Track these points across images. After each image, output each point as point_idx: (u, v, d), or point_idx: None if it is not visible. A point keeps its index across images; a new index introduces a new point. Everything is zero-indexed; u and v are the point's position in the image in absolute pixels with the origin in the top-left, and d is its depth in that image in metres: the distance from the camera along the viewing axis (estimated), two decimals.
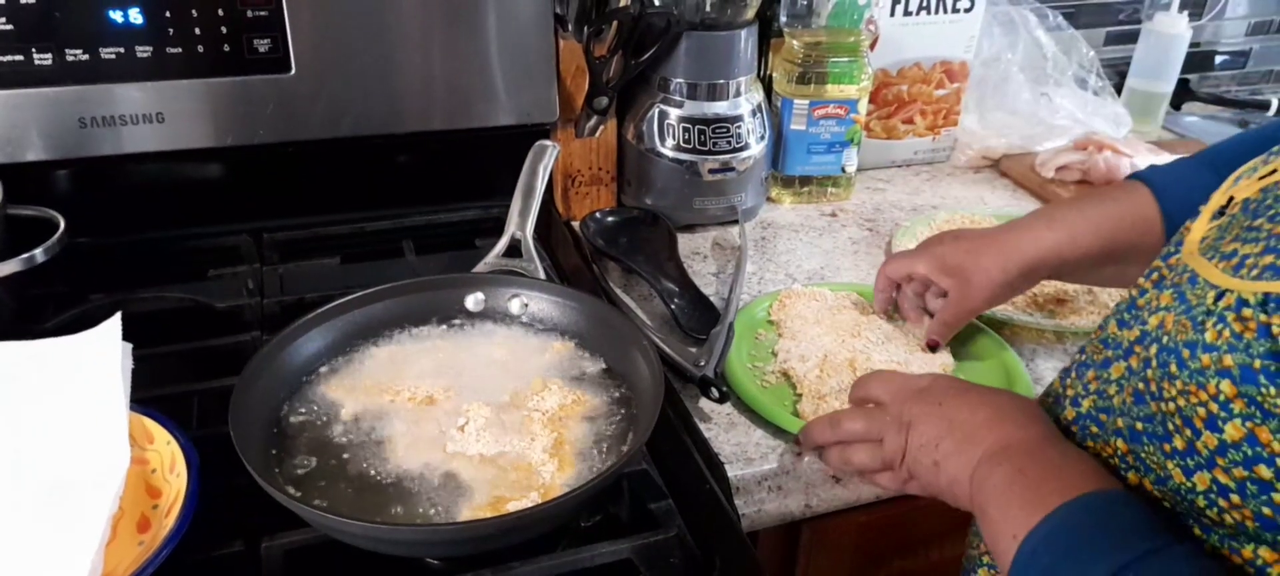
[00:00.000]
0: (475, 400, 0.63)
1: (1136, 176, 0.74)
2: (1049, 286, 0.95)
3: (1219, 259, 0.43)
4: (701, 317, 0.88)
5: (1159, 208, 0.70)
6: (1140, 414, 0.46)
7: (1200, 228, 0.48)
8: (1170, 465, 0.44)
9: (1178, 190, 0.70)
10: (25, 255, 0.71)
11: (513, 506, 0.54)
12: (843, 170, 1.16)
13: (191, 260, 0.90)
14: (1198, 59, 1.58)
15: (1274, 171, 0.45)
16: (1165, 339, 0.44)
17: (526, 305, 0.72)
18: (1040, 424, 0.55)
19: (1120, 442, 0.48)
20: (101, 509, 0.52)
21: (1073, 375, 0.56)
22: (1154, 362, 0.45)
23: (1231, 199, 0.48)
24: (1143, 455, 0.46)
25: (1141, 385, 0.46)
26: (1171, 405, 0.43)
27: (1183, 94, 1.54)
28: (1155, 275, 0.50)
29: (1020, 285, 0.76)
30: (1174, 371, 0.43)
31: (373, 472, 0.58)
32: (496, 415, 0.61)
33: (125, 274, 0.86)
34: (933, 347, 0.81)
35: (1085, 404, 0.53)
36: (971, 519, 0.61)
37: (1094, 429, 0.51)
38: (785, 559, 0.78)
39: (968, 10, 1.20)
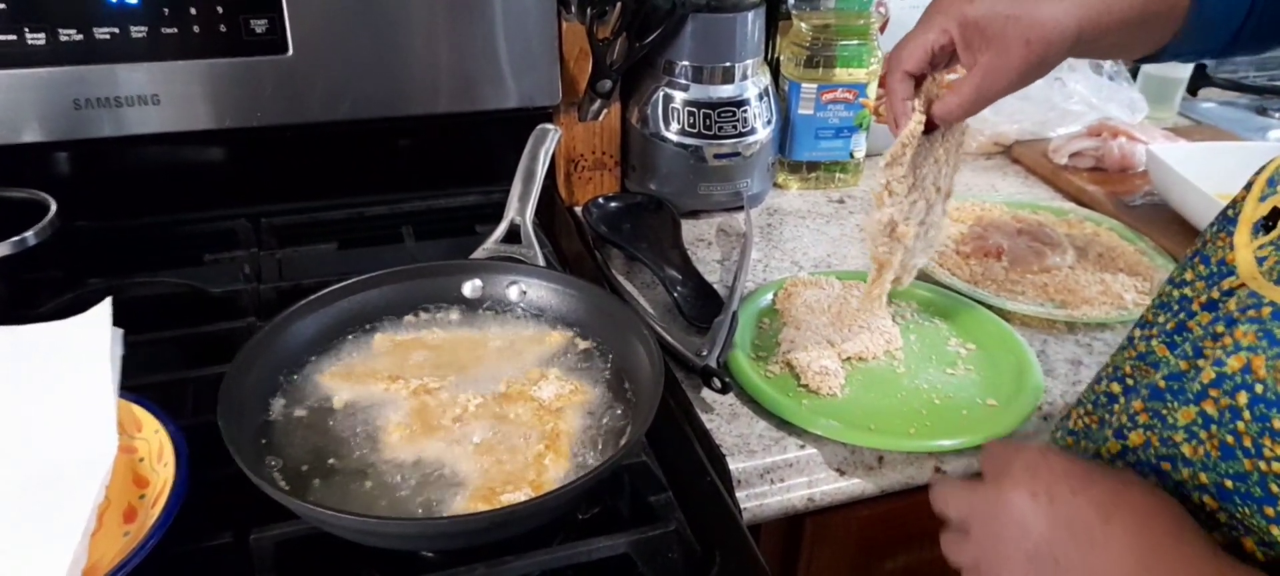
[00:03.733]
0: (470, 390, 0.62)
1: None
2: (1059, 276, 0.93)
3: None
4: (705, 306, 0.86)
5: None
6: (1230, 470, 0.40)
7: (1246, 244, 0.44)
8: (1275, 531, 0.38)
9: None
10: (16, 238, 0.70)
11: (507, 499, 0.53)
12: (851, 156, 1.14)
13: (187, 244, 0.88)
14: None
15: None
16: (1259, 388, 0.39)
17: (525, 292, 0.71)
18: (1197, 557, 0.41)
19: (1207, 499, 0.41)
20: (87, 498, 0.51)
21: (1112, 401, 0.50)
22: (1246, 414, 0.39)
23: (1277, 211, 0.43)
24: (1239, 516, 0.40)
25: (1231, 438, 0.40)
26: (1277, 465, 0.38)
27: (1200, 79, 1.51)
28: (1205, 295, 0.45)
29: (1057, 61, 0.62)
30: (1278, 427, 0.38)
31: (365, 463, 0.56)
32: (492, 405, 0.60)
33: (120, 258, 0.85)
34: (931, 128, 0.67)
35: (1134, 437, 0.47)
36: None
37: (1156, 475, 0.45)
38: (787, 552, 0.76)
39: None
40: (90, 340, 0.60)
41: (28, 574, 0.48)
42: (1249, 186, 0.50)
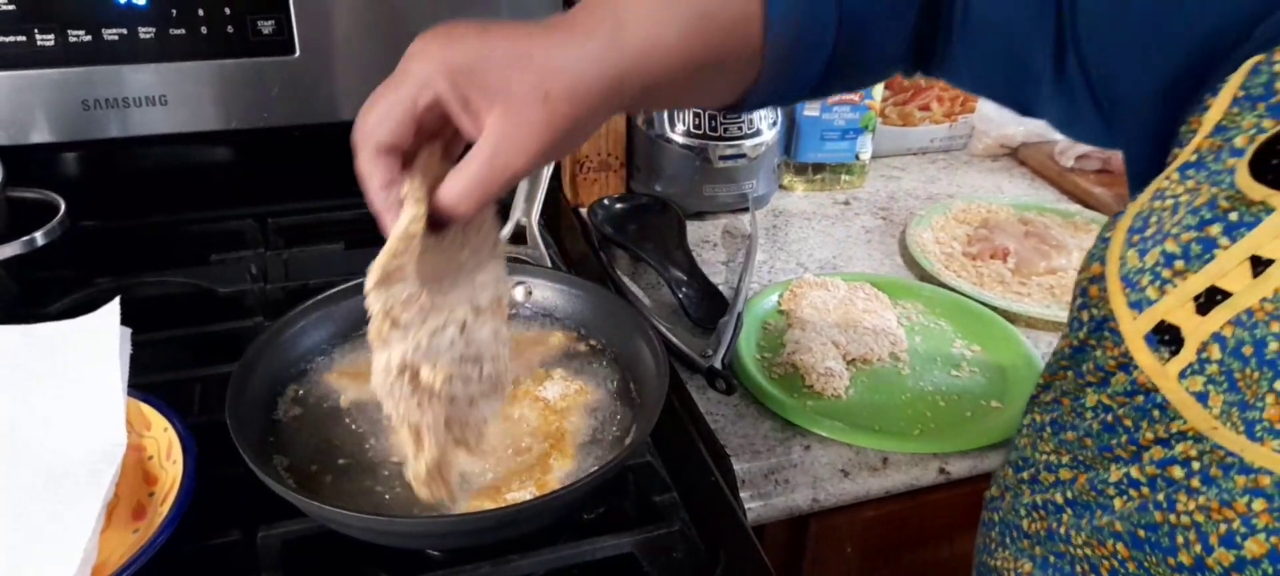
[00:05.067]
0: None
1: None
2: (1065, 279, 0.93)
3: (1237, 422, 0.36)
4: (710, 307, 0.86)
5: (763, 9, 0.49)
6: (1143, 521, 0.40)
7: (1161, 373, 0.38)
8: None
9: None
10: (25, 238, 0.70)
11: (512, 498, 0.53)
12: (857, 157, 1.14)
13: (195, 244, 0.89)
14: None
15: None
16: (1184, 520, 0.38)
17: (531, 293, 0.71)
18: None
19: (1120, 546, 0.41)
20: (97, 495, 0.52)
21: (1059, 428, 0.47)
22: (1167, 507, 0.39)
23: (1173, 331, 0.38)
24: (1147, 564, 0.40)
25: (1149, 493, 0.40)
26: (1187, 519, 0.38)
27: None
28: (1126, 406, 0.40)
29: (593, 124, 0.46)
30: (1195, 486, 0.37)
31: (372, 462, 0.57)
32: None
33: (128, 258, 0.85)
34: (435, 226, 0.46)
35: (1063, 474, 0.46)
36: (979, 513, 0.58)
37: (1087, 513, 0.44)
38: (792, 553, 0.77)
39: None
40: (99, 339, 0.60)
41: (39, 570, 0.49)
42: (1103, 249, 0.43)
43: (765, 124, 1.04)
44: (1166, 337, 0.38)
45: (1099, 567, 0.43)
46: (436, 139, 0.46)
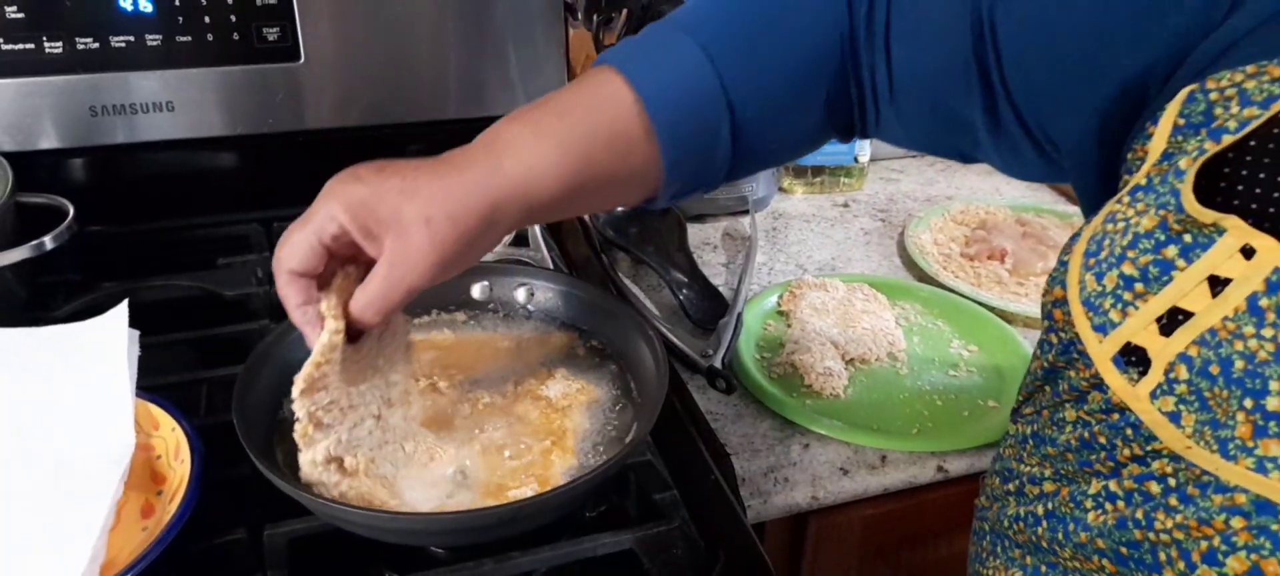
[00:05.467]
0: (479, 389, 0.63)
1: (610, 60, 0.55)
2: None
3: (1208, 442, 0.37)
4: (710, 308, 0.87)
5: (646, 121, 0.53)
6: (1124, 539, 0.40)
7: (1113, 374, 0.39)
8: None
9: (671, 97, 0.53)
10: (34, 242, 0.71)
11: (514, 495, 0.54)
12: (856, 160, 1.15)
13: (201, 249, 0.90)
14: None
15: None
16: (1164, 538, 0.39)
17: (533, 294, 0.72)
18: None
19: (1107, 563, 0.42)
20: (106, 494, 0.53)
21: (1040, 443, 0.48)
22: (1145, 522, 0.40)
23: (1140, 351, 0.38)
24: None
25: (1125, 507, 0.41)
26: (1166, 537, 0.39)
27: None
28: (1091, 422, 0.42)
29: (481, 242, 0.51)
30: (1172, 504, 0.38)
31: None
32: (500, 403, 0.61)
33: (135, 262, 0.86)
34: (353, 336, 0.53)
35: (1047, 486, 0.47)
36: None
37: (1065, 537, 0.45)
38: (792, 551, 0.77)
39: None
40: (108, 341, 0.61)
41: (49, 569, 0.50)
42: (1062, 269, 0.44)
43: None
44: (1134, 359, 0.38)
45: None
46: (352, 263, 0.53)
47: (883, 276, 0.97)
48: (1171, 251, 0.37)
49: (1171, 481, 0.38)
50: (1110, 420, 0.40)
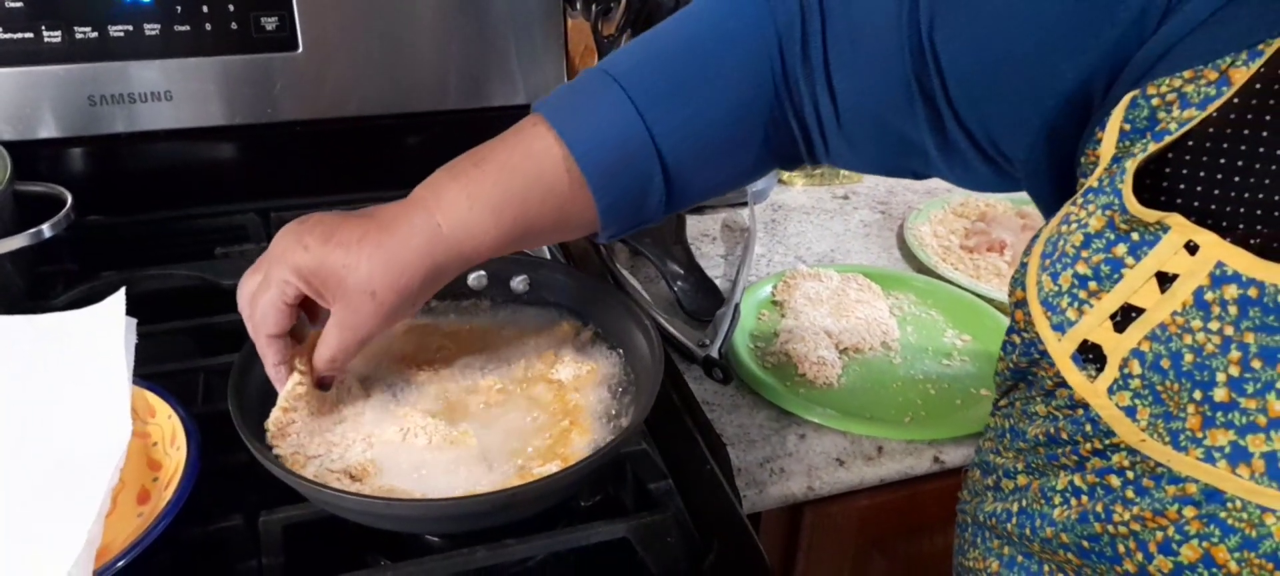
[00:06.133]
0: (490, 375, 0.63)
1: (542, 110, 0.57)
2: None
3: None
4: (706, 300, 0.87)
5: (578, 171, 0.54)
6: (1085, 532, 0.42)
7: (1073, 371, 0.40)
8: None
9: (600, 149, 0.55)
10: (32, 231, 0.71)
11: (540, 473, 0.54)
12: None
13: (199, 238, 0.90)
14: None
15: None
16: (1123, 530, 0.40)
17: (530, 284, 0.72)
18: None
19: (1072, 557, 0.43)
20: (102, 480, 0.53)
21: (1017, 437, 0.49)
22: (1105, 513, 0.41)
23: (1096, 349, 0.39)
24: (1098, 574, 0.42)
25: (1088, 503, 0.42)
26: (1124, 529, 0.40)
27: None
28: (1072, 447, 0.42)
29: (423, 295, 0.55)
30: (1129, 497, 0.39)
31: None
32: (511, 387, 0.62)
33: (133, 251, 0.87)
34: (323, 385, 0.58)
35: (1021, 479, 0.48)
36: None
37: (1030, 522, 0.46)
38: (787, 541, 0.77)
39: None
40: (105, 329, 0.61)
41: (45, 553, 0.50)
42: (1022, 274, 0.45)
43: None
44: (1091, 356, 0.40)
45: (1062, 570, 0.44)
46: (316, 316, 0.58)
47: (881, 267, 0.97)
48: (1121, 249, 0.39)
49: (1129, 474, 0.39)
50: (1074, 415, 0.42)
